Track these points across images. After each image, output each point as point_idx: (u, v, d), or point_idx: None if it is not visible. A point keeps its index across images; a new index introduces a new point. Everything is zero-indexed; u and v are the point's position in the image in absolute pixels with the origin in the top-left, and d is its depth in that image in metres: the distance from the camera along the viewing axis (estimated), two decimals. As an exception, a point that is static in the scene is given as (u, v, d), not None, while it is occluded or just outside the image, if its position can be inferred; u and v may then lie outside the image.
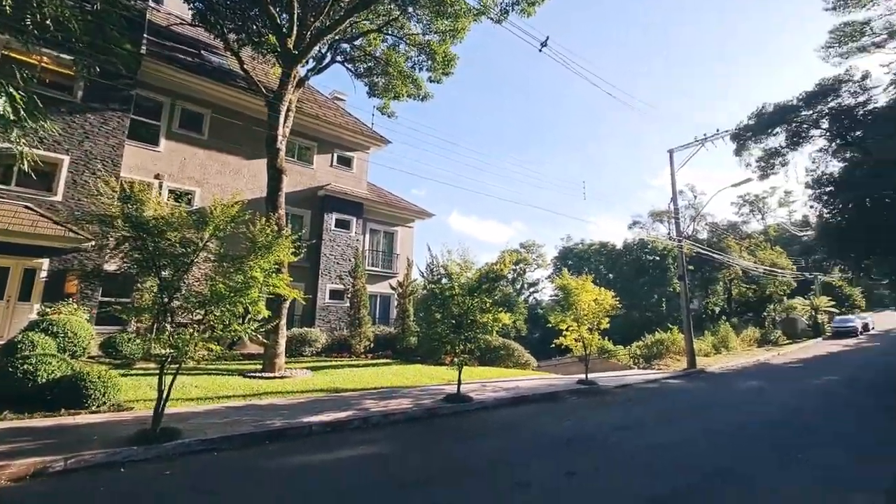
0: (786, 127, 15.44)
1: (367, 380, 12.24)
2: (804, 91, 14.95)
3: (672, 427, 8.31)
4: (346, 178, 21.65)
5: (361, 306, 17.47)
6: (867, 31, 22.75)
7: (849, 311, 45.06)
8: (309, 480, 5.14)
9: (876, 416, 10.01)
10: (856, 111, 14.15)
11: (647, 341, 23.27)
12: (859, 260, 16.46)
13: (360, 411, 8.45)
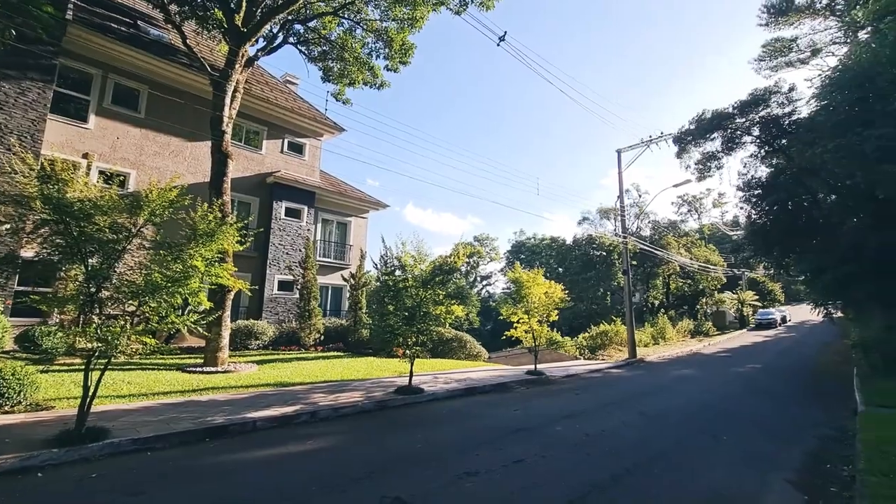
0: (722, 133, 16.55)
1: (316, 373, 11.95)
2: (739, 100, 16.09)
3: (614, 414, 8.73)
4: (298, 166, 20.89)
5: (312, 298, 17.00)
6: (794, 47, 24.78)
7: (770, 304, 49.34)
8: (252, 477, 4.95)
9: (788, 401, 11.04)
10: (782, 121, 15.39)
11: (592, 333, 24.33)
12: (780, 258, 18.02)
13: (308, 405, 8.23)
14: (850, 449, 6.69)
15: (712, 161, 17.47)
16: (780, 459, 6.12)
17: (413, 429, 7.40)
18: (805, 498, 4.79)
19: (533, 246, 50.65)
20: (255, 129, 19.75)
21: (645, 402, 10.09)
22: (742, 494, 4.78)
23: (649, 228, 43.94)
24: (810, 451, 6.64)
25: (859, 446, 6.38)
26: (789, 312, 45.50)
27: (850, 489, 4.96)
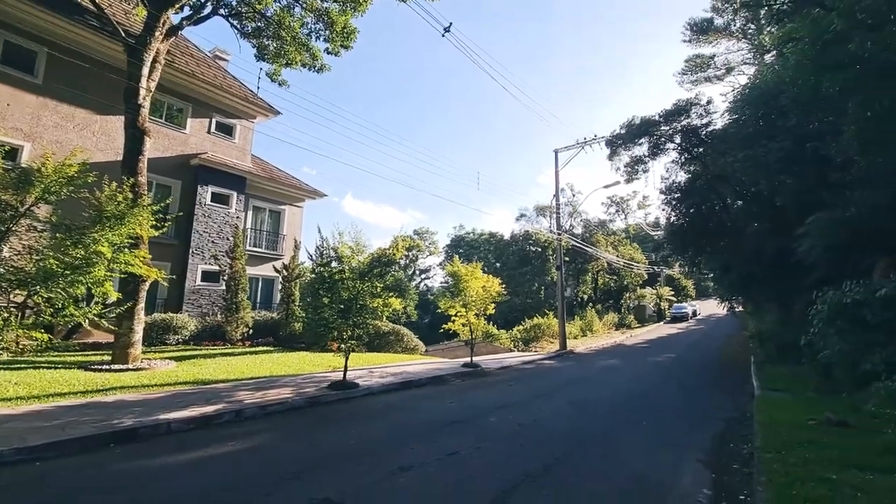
0: (649, 138, 17.73)
1: (242, 369, 11.26)
2: (664, 109, 17.33)
3: (545, 404, 9.04)
4: (227, 148, 19.50)
5: (240, 289, 16.00)
6: (712, 64, 27.09)
7: (683, 299, 53.94)
8: (163, 484, 4.51)
9: (698, 387, 12.08)
10: (700, 131, 16.79)
11: (526, 326, 25.17)
12: (694, 256, 19.74)
13: (231, 404, 7.70)
14: (748, 429, 7.41)
15: (639, 165, 18.67)
16: (692, 442, 6.64)
17: (346, 424, 7.17)
18: (712, 475, 5.21)
19: (472, 240, 51.47)
20: (179, 105, 18.14)
21: (574, 392, 10.56)
22: (660, 476, 5.11)
23: (581, 227, 46.25)
24: (717, 433, 7.27)
25: (756, 426, 7.09)
26: (699, 307, 50.05)
27: (750, 465, 5.48)
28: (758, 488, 4.54)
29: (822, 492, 4.19)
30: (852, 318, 8.20)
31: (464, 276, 14.09)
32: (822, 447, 5.59)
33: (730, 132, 15.32)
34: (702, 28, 26.40)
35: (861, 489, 4.23)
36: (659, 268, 52.65)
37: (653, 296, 48.06)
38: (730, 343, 24.49)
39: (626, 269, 43.04)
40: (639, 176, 18.98)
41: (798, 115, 9.36)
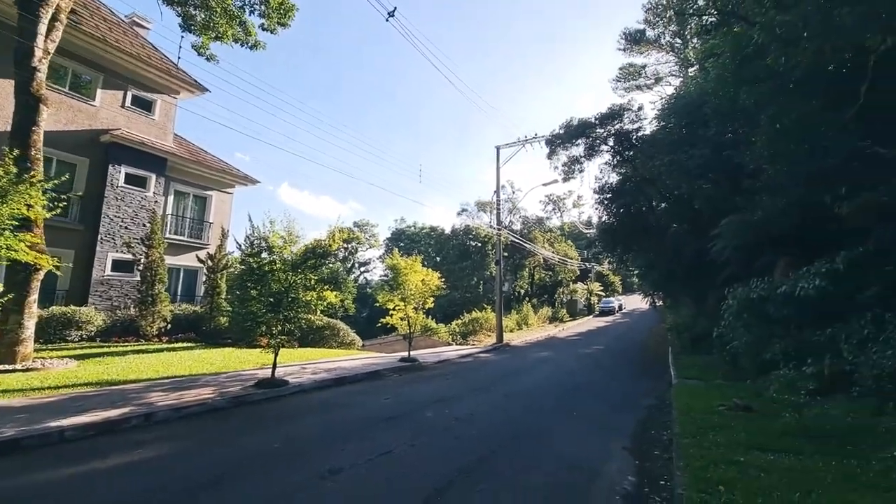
0: (585, 140, 18.50)
1: (157, 368, 10.28)
2: (600, 112, 18.14)
3: (481, 396, 9.10)
4: (145, 125, 17.71)
5: (157, 281, 14.63)
6: (643, 73, 28.76)
7: (611, 294, 57.37)
8: (51, 501, 3.92)
9: (624, 376, 12.82)
10: (631, 135, 17.78)
11: (465, 320, 25.46)
12: (623, 254, 20.97)
13: (140, 406, 6.96)
14: (668, 416, 7.91)
15: (576, 165, 19.42)
16: (619, 429, 6.95)
17: (274, 425, 6.73)
18: (636, 462, 5.46)
19: (413, 234, 51.22)
20: (88, 74, 16.17)
21: (510, 384, 10.75)
22: (591, 464, 5.26)
23: (520, 223, 47.58)
24: (640, 420, 7.68)
25: (674, 413, 7.58)
26: (625, 301, 53.48)
27: (669, 451, 5.81)
28: (676, 473, 4.79)
29: (733, 474, 4.49)
30: (757, 313, 9.01)
31: (403, 270, 13.87)
32: (731, 431, 6.05)
33: (657, 138, 16.31)
34: (635, 38, 27.91)
35: (764, 469, 4.59)
36: (590, 264, 55.54)
37: (584, 291, 50.62)
38: (651, 335, 26.33)
39: (561, 266, 44.93)
40: (575, 175, 19.79)
41: (718, 125, 10.15)
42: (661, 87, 27.54)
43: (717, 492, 4.09)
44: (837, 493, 3.96)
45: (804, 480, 4.26)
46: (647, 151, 16.29)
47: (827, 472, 4.43)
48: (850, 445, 5.04)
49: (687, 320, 22.66)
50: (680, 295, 19.31)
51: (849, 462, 4.60)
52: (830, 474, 4.36)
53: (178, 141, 19.87)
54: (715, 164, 13.23)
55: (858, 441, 5.10)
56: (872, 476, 4.23)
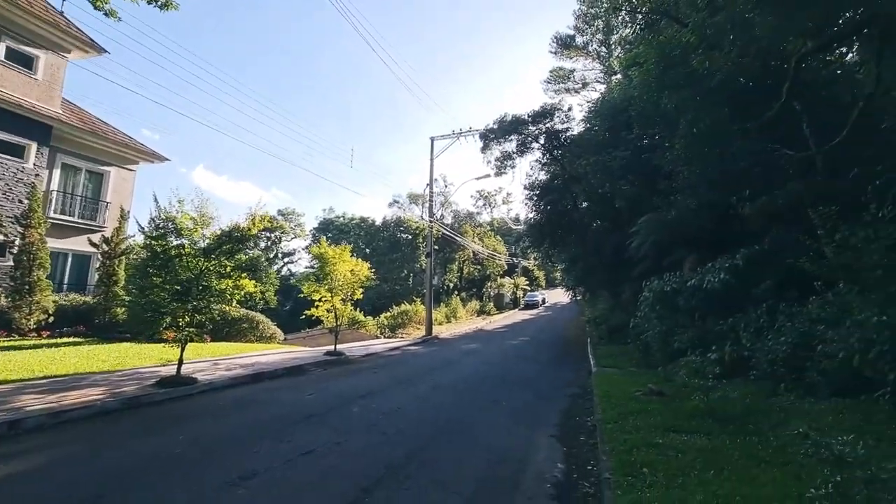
0: (518, 136, 18.90)
1: (33, 366, 8.80)
2: (533, 110, 18.63)
3: (410, 389, 8.85)
4: (24, 85, 15.12)
5: (36, 266, 12.60)
6: (572, 77, 30.05)
7: (535, 288, 59.98)
8: None
9: (548, 366, 13.28)
10: (561, 135, 18.48)
11: (393, 312, 25.08)
12: (549, 249, 21.82)
13: (7, 412, 5.84)
14: (590, 402, 8.24)
15: (508, 160, 19.79)
16: (545, 418, 7.07)
17: (176, 427, 5.96)
18: (564, 449, 5.53)
19: (342, 224, 49.55)
20: (-58, 15, 13.42)
21: (438, 376, 10.62)
22: (520, 453, 5.23)
23: (451, 217, 47.93)
24: (564, 408, 7.90)
25: (595, 400, 7.91)
26: (548, 295, 56.19)
27: (594, 436, 5.99)
28: (602, 458, 4.91)
29: (653, 456, 4.67)
30: (669, 304, 9.68)
31: (331, 259, 13.19)
32: (648, 415, 6.38)
33: (584, 138, 17.07)
34: (565, 43, 29.06)
35: (680, 450, 4.83)
36: (517, 259, 57.51)
37: (511, 285, 52.34)
38: (571, 327, 27.80)
39: (490, 260, 46.00)
40: (507, 171, 20.19)
41: (640, 128, 10.77)
42: (587, 91, 29.03)
43: (641, 474, 4.21)
44: (744, 470, 4.25)
45: (715, 459, 4.53)
46: (574, 151, 16.99)
47: (734, 450, 4.76)
48: (751, 424, 5.49)
49: (604, 313, 24.20)
50: (598, 289, 20.52)
51: (751, 440, 4.99)
52: (737, 452, 4.69)
53: (68, 107, 17.28)
54: (635, 165, 14.09)
55: (758, 420, 5.56)
56: (771, 452, 4.59)
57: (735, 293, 8.47)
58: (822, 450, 4.17)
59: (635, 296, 17.49)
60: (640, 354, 12.35)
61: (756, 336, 7.35)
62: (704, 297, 8.79)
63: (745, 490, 3.75)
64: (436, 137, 22.04)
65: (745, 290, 8.29)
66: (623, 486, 3.99)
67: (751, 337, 7.38)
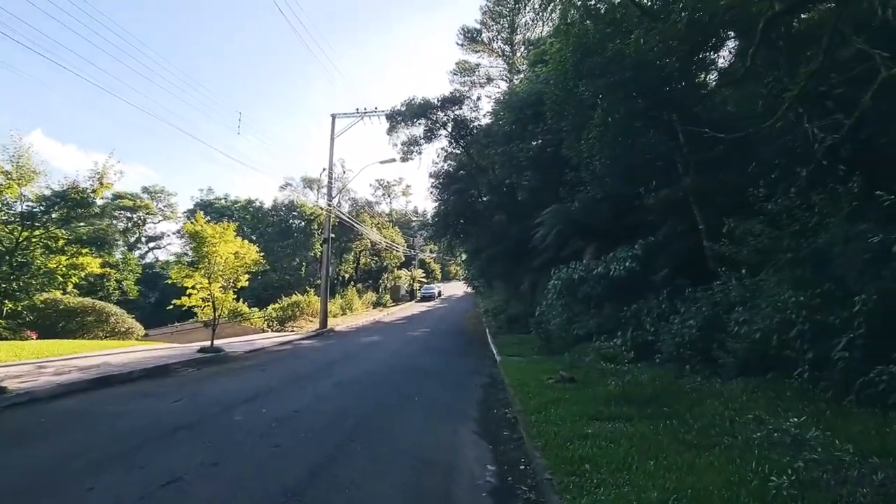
0: (425, 121, 18.27)
1: None
2: (443, 95, 18.13)
3: (307, 388, 7.67)
4: None
5: None
6: (477, 71, 30.33)
7: (431, 281, 60.46)
8: None
9: (453, 356, 12.91)
10: (470, 123, 18.29)
11: (283, 304, 22.82)
12: (451, 240, 21.65)
13: None
14: (503, 392, 7.93)
15: (415, 146, 19.08)
16: (463, 412, 6.51)
17: (-40, 461, 4.14)
18: (490, 447, 5.00)
19: (223, 207, 44.12)
20: None
21: (338, 371, 9.53)
22: (445, 456, 4.56)
23: (349, 205, 45.76)
24: (480, 400, 7.45)
25: (509, 390, 7.60)
26: (443, 288, 57.01)
27: (516, 429, 5.57)
28: (535, 454, 4.47)
29: (588, 449, 4.33)
30: (576, 292, 9.85)
31: (210, 238, 11.16)
32: (568, 404, 6.17)
33: (493, 129, 17.04)
34: (472, 37, 29.22)
35: (611, 440, 4.58)
36: (414, 251, 57.31)
37: (407, 277, 51.93)
38: (468, 317, 28.20)
39: (388, 252, 44.97)
40: (413, 157, 19.46)
41: (553, 119, 10.83)
42: (492, 87, 29.56)
43: (583, 472, 3.82)
44: (676, 455, 4.09)
45: (647, 447, 4.34)
46: (482, 141, 16.87)
47: (660, 436, 4.63)
48: (667, 407, 5.52)
49: (500, 304, 24.90)
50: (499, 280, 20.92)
51: (672, 424, 4.94)
52: (665, 438, 4.56)
53: None
54: (542, 158, 14.35)
55: (672, 402, 5.62)
56: (695, 435, 4.54)
57: (637, 280, 8.82)
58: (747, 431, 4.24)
59: (534, 287, 18.13)
60: (541, 342, 12.58)
61: (658, 321, 7.66)
62: (609, 284, 9.05)
63: (691, 480, 3.54)
64: (338, 115, 20.32)
65: (645, 277, 8.66)
66: (570, 489, 3.53)
67: (654, 322, 7.68)
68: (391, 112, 18.43)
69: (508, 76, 28.10)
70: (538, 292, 17.39)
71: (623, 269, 8.60)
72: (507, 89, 21.52)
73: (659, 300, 7.92)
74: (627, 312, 8.44)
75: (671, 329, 6.91)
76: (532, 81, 16.60)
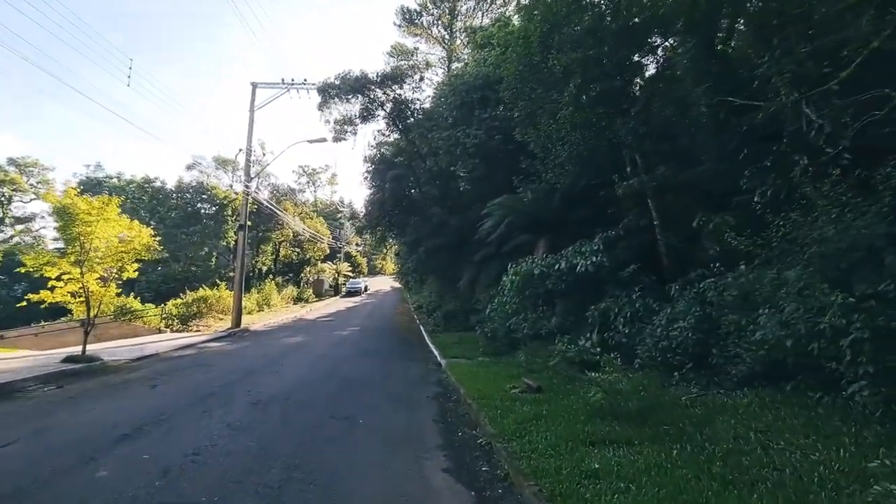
0: (362, 98, 16.50)
1: None
2: (383, 70, 16.40)
3: (211, 414, 5.86)
4: None
5: None
6: (415, 55, 28.86)
7: (357, 275, 57.91)
8: None
9: (390, 359, 11.50)
10: (411, 105, 16.82)
11: (187, 299, 19.69)
12: (386, 231, 20.11)
13: None
14: (461, 406, 6.78)
15: (349, 125, 17.23)
16: (423, 437, 5.27)
17: None
18: (472, 494, 3.80)
19: (115, 187, 37.90)
20: None
21: (257, 384, 7.74)
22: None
23: (269, 191, 41.90)
24: (437, 417, 6.22)
25: (471, 404, 6.43)
26: (370, 283, 54.87)
27: (495, 462, 4.43)
28: (535, 503, 3.36)
29: (609, 497, 3.32)
30: (535, 288, 8.98)
31: (82, 216, 8.65)
32: (548, 422, 5.17)
33: (435, 114, 15.79)
34: (411, 18, 27.73)
35: (625, 477, 3.63)
36: (340, 244, 54.41)
37: (332, 271, 49.06)
38: (398, 314, 26.78)
39: (311, 243, 41.95)
40: (347, 137, 17.55)
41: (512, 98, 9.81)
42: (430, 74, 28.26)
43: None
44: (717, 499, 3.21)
45: (674, 486, 3.43)
46: (424, 125, 15.56)
47: (682, 468, 3.74)
48: (667, 425, 4.70)
49: (433, 299, 23.81)
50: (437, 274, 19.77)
51: (687, 450, 4.09)
52: (688, 470, 3.67)
53: None
54: (490, 145, 13.40)
55: (673, 419, 4.81)
56: (725, 467, 3.69)
57: (602, 277, 8.13)
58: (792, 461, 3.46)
59: (473, 282, 17.23)
60: (487, 342, 11.66)
61: (631, 321, 6.95)
62: (573, 280, 8.25)
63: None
64: (260, 84, 17.76)
65: (613, 273, 7.99)
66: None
67: (627, 322, 6.95)
68: (323, 85, 16.35)
69: (446, 64, 27.03)
70: (479, 287, 16.53)
71: (590, 264, 7.83)
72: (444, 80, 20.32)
73: (631, 298, 7.23)
74: (595, 311, 7.68)
75: (653, 331, 6.19)
76: (479, 64, 15.60)
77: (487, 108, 14.10)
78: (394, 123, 17.37)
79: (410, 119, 16.97)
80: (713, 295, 5.54)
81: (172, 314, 18.18)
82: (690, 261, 7.54)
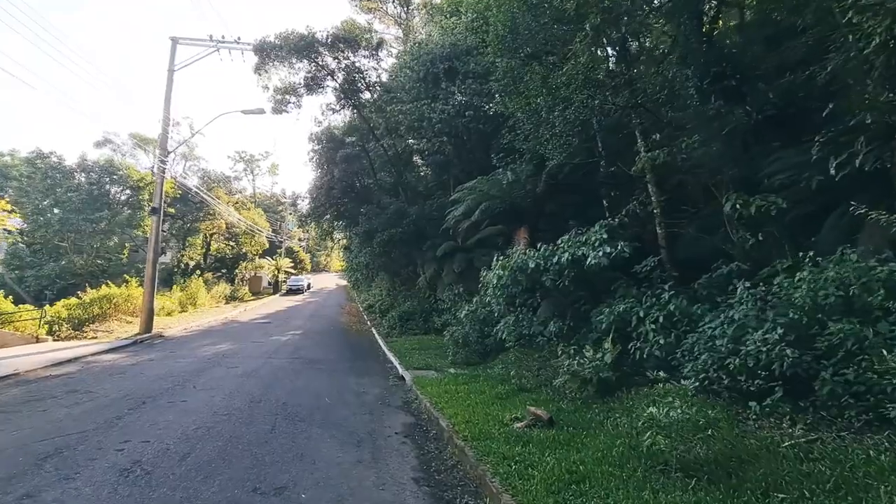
0: (308, 64, 13.98)
1: None
2: (335, 31, 13.85)
3: (81, 475, 3.57)
4: None
5: None
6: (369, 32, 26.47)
7: (300, 272, 54.06)
8: None
9: (340, 373, 9.35)
10: (366, 74, 14.55)
11: (85, 299, 16.09)
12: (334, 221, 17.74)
13: None
14: (445, 448, 4.92)
15: (293, 95, 14.64)
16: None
17: None
18: None
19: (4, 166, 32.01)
20: None
21: (144, 427, 5.34)
22: None
23: (198, 177, 37.53)
24: (416, 472, 4.29)
25: (463, 449, 4.59)
26: (313, 280, 51.41)
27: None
28: None
29: None
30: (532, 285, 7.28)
31: None
32: (600, 488, 3.44)
33: (397, 83, 13.72)
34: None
35: None
36: (280, 238, 50.42)
37: (271, 267, 45.13)
38: (345, 314, 24.33)
39: (247, 236, 38.07)
40: (289, 109, 14.91)
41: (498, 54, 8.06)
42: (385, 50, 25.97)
43: None
44: None
45: None
46: (384, 98, 13.43)
47: None
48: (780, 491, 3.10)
49: (385, 298, 21.68)
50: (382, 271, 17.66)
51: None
52: None
53: None
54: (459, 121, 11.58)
55: (786, 480, 3.19)
56: None
57: (614, 272, 6.58)
58: None
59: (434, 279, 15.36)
60: (456, 349, 9.86)
61: (665, 328, 5.39)
62: (577, 275, 6.61)
63: None
64: (181, 40, 14.68)
65: (628, 267, 6.46)
66: None
67: (660, 330, 5.38)
68: (261, 44, 13.58)
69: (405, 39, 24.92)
70: (441, 285, 14.70)
71: (603, 256, 6.21)
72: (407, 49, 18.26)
73: (660, 299, 5.67)
74: (609, 314, 6.07)
75: (707, 343, 4.63)
76: (447, 32, 13.71)
77: (455, 81, 12.28)
78: (345, 97, 15.00)
79: (365, 93, 14.71)
80: (802, 295, 4.03)
81: (62, 317, 14.65)
82: (718, 255, 6.18)
